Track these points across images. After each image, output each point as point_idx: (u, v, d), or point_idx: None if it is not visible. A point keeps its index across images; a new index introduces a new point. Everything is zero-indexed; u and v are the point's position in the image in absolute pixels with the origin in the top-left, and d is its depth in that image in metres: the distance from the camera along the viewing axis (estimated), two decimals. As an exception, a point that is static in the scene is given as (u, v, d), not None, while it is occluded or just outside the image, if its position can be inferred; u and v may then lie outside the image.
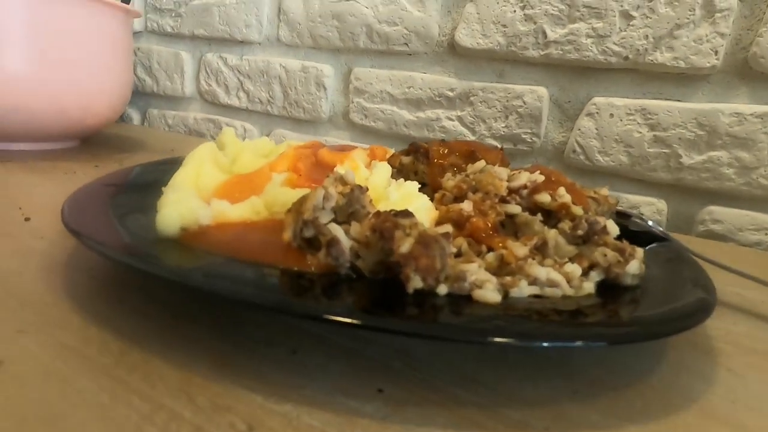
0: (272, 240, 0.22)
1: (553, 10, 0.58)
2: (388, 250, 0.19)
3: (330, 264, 0.21)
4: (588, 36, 0.56)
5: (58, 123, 0.54)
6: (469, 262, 0.24)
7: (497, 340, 0.17)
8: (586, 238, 0.26)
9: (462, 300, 0.20)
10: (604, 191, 0.34)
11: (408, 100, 0.69)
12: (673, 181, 0.55)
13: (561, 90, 0.60)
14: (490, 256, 0.25)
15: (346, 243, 0.21)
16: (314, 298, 0.19)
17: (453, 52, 0.66)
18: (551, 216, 0.28)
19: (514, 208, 0.28)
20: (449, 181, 0.32)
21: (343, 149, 0.50)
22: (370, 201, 0.26)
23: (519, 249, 0.25)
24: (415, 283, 0.19)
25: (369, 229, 0.21)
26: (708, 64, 0.51)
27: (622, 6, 0.54)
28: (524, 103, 0.62)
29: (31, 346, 0.19)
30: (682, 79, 0.54)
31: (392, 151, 0.51)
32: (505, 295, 0.21)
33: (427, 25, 0.66)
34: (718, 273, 0.31)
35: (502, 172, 0.31)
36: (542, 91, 0.61)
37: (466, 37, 0.63)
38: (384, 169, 0.35)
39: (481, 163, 0.32)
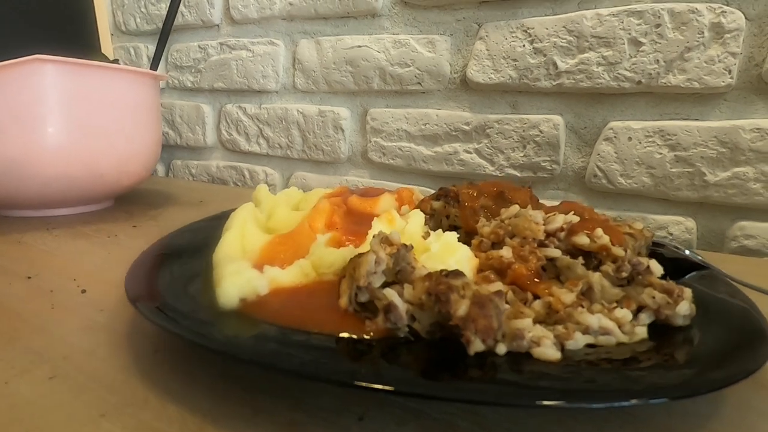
0: (329, 304, 0.23)
1: (561, 42, 0.59)
2: (445, 313, 0.20)
3: (388, 328, 0.22)
4: (599, 64, 0.58)
5: (96, 187, 0.56)
6: (518, 312, 0.24)
7: (556, 404, 0.17)
8: (630, 279, 0.26)
9: (522, 358, 0.20)
10: (638, 225, 0.34)
11: (425, 137, 0.71)
12: (700, 199, 0.55)
13: (576, 117, 0.61)
14: (537, 304, 0.26)
15: (402, 307, 0.22)
16: (377, 367, 0.20)
17: (466, 88, 0.67)
18: (591, 257, 0.29)
19: (554, 252, 0.29)
20: (485, 227, 0.32)
21: (368, 193, 0.51)
22: (415, 257, 0.27)
23: (566, 295, 0.25)
24: (477, 346, 0.20)
25: (424, 292, 0.21)
26: (723, 83, 0.52)
27: (630, 34, 0.56)
28: (541, 132, 0.63)
29: (115, 429, 0.19)
30: (698, 98, 0.54)
31: (417, 191, 0.52)
32: (561, 347, 0.22)
33: (439, 64, 0.68)
34: (759, 297, 0.31)
35: (537, 215, 0.31)
36: (557, 119, 0.62)
37: (477, 74, 0.65)
38: (418, 218, 0.36)
39: (515, 208, 0.33)
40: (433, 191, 0.70)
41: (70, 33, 0.94)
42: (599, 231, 0.29)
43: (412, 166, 0.73)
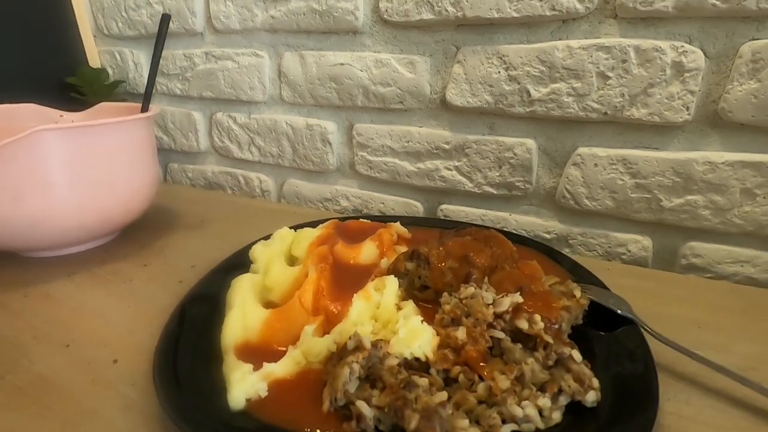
0: (315, 405, 0.30)
1: (534, 71, 0.62)
2: (400, 425, 0.27)
3: (360, 427, 0.29)
4: (569, 94, 0.60)
5: (105, 226, 0.62)
6: (465, 397, 0.31)
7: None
8: (556, 362, 0.33)
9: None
10: (577, 292, 0.40)
11: (408, 153, 0.75)
12: (656, 221, 0.61)
13: (548, 140, 0.65)
14: (481, 387, 0.32)
15: (369, 415, 0.28)
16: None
17: (445, 108, 0.70)
18: (529, 338, 0.35)
19: (500, 334, 0.35)
20: (446, 305, 0.39)
21: (355, 234, 0.57)
22: (386, 351, 0.33)
23: (503, 382, 0.32)
24: (423, 453, 0.27)
25: (386, 405, 0.28)
26: (680, 119, 0.56)
27: (598, 67, 0.58)
28: (515, 154, 0.67)
29: None
30: (659, 129, 0.58)
31: (397, 230, 0.58)
32: (492, 436, 0.29)
33: (419, 84, 0.71)
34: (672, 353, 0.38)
35: (489, 297, 0.37)
36: (530, 143, 0.66)
37: (456, 97, 0.68)
38: (392, 287, 0.42)
39: (471, 290, 0.39)
40: (419, 204, 0.75)
41: (54, 41, 0.94)
42: (537, 317, 0.35)
43: (396, 180, 0.77)
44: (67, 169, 0.54)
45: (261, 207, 0.85)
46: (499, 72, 0.64)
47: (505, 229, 0.70)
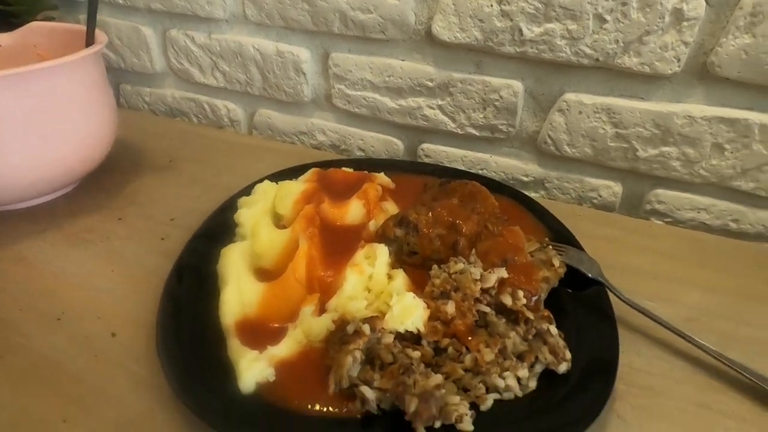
0: (321, 386, 0.33)
1: (529, 8, 0.57)
2: (401, 408, 0.31)
3: (365, 407, 0.32)
4: (563, 37, 0.57)
5: (62, 177, 0.57)
6: (454, 369, 0.35)
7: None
8: (535, 335, 0.37)
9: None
10: (557, 261, 0.43)
11: (389, 89, 0.71)
12: (629, 169, 0.63)
13: (536, 82, 0.63)
14: (468, 358, 0.36)
15: (372, 397, 0.32)
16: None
17: (431, 41, 0.65)
18: (512, 312, 0.39)
19: (485, 308, 0.38)
20: (436, 278, 0.41)
21: (341, 188, 0.56)
22: (381, 328, 0.36)
23: (488, 355, 0.36)
24: (420, 430, 0.31)
25: (387, 389, 0.31)
26: (670, 71, 0.55)
27: (596, 9, 0.54)
28: (500, 97, 0.65)
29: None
30: (648, 78, 0.57)
31: (381, 180, 0.57)
32: (477, 407, 0.33)
33: (403, 12, 0.64)
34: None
35: (477, 272, 0.40)
36: (517, 86, 0.63)
37: (443, 30, 0.62)
38: (383, 257, 0.43)
39: (460, 266, 0.41)
40: (400, 142, 0.73)
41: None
42: (520, 293, 0.38)
43: (377, 116, 0.74)
44: (10, 121, 0.48)
45: (233, 141, 0.80)
46: (492, 5, 0.59)
47: (483, 173, 0.71)
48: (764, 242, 0.61)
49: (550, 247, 0.46)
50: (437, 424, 0.31)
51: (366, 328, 0.35)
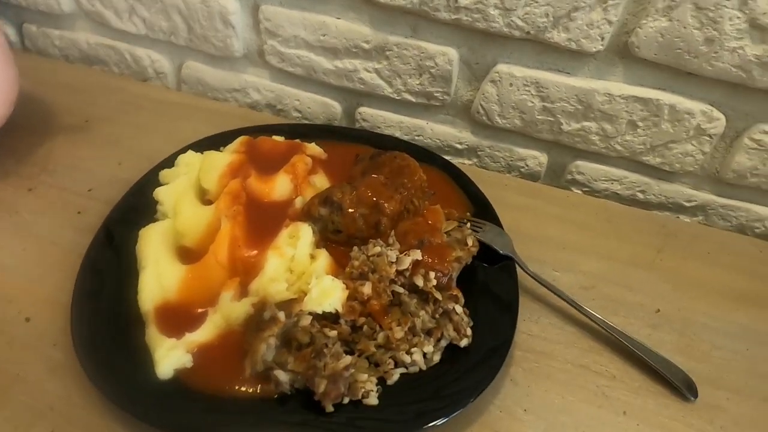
0: (238, 370, 0.35)
1: (463, -27, 0.55)
2: (311, 388, 0.34)
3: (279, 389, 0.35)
4: (496, 7, 0.56)
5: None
6: (367, 346, 0.38)
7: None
8: (442, 314, 0.40)
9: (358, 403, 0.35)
10: (470, 240, 0.46)
11: (324, 48, 0.68)
12: (554, 141, 0.66)
13: (470, 51, 0.63)
14: (381, 336, 0.40)
15: (285, 379, 0.34)
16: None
17: (366, 0, 0.62)
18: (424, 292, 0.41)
19: (399, 289, 0.41)
20: (356, 260, 0.42)
21: (269, 162, 0.55)
22: (300, 310, 0.38)
23: (398, 333, 0.39)
24: (329, 408, 0.34)
25: (300, 370, 0.34)
26: (594, 49, 0.56)
27: (528, -20, 0.53)
28: (436, 64, 0.64)
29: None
30: (574, 54, 0.58)
31: (309, 160, 0.57)
32: (385, 381, 0.37)
33: (335, -33, 0.60)
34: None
35: (393, 255, 0.42)
36: (452, 54, 0.63)
37: (377, -10, 0.59)
38: (306, 237, 0.44)
39: (377, 249, 0.42)
40: (337, 104, 0.71)
41: None
42: (431, 275, 0.41)
43: (312, 77, 0.71)
44: None
45: (158, 98, 0.75)
46: (427, -33, 0.56)
47: (419, 139, 0.72)
48: (665, 211, 0.68)
49: (468, 225, 0.49)
50: (345, 400, 0.35)
51: (281, 315, 0.36)
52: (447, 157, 0.72)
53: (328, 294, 0.40)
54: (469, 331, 0.40)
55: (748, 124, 0.58)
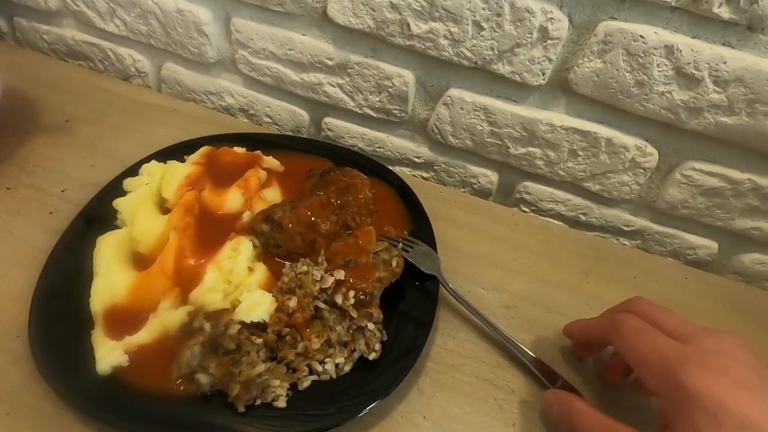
0: (167, 372, 0.41)
1: (416, 4, 0.58)
2: (226, 391, 0.39)
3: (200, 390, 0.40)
4: (446, 38, 0.59)
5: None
6: (287, 354, 0.44)
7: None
8: (356, 329, 0.46)
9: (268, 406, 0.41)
10: (395, 261, 0.51)
11: (291, 62, 0.71)
12: (503, 162, 0.70)
13: (426, 74, 0.66)
14: (301, 346, 0.45)
15: (205, 382, 0.40)
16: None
17: (328, 20, 0.65)
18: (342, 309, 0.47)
19: (321, 305, 0.46)
20: (286, 276, 0.47)
21: (225, 174, 0.60)
22: (230, 319, 0.43)
23: (315, 344, 0.44)
24: (241, 409, 0.39)
25: (218, 375, 0.39)
26: (536, 83, 0.59)
27: (474, 16, 0.56)
28: (393, 84, 0.67)
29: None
30: (519, 85, 0.61)
31: (263, 174, 0.61)
32: (296, 386, 0.42)
33: (299, -12, 0.63)
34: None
35: (318, 273, 0.47)
36: (408, 76, 0.66)
37: (338, 14, 0.63)
38: (244, 256, 0.49)
39: (304, 267, 0.47)
40: (305, 113, 0.75)
41: None
42: (351, 293, 0.46)
43: (281, 87, 0.75)
44: None
45: (137, 99, 0.79)
46: (382, -5, 0.59)
47: (380, 152, 0.76)
48: (606, 234, 0.72)
49: (400, 245, 0.53)
50: (258, 402, 0.40)
51: (207, 325, 0.42)
52: (406, 170, 0.77)
53: (257, 306, 0.45)
54: (378, 347, 0.45)
55: (680, 160, 0.61)
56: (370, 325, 0.45)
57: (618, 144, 0.61)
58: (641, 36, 0.51)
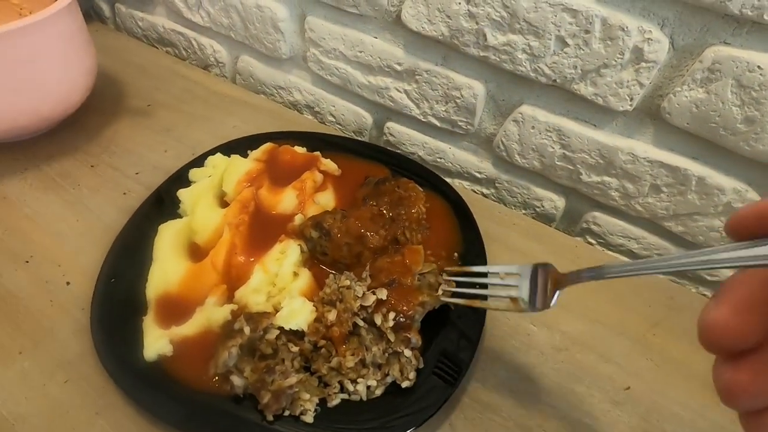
0: (206, 368, 0.42)
1: (495, 14, 0.54)
2: (258, 398, 0.39)
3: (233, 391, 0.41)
4: (524, 51, 0.55)
5: (40, 125, 0.63)
6: (320, 367, 0.43)
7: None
8: (393, 353, 0.44)
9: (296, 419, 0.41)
10: (441, 288, 0.48)
11: (360, 64, 0.70)
12: (572, 188, 0.64)
13: (498, 87, 0.62)
14: (335, 361, 0.44)
15: (239, 384, 0.40)
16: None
17: (401, 25, 0.63)
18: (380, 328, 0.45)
19: (360, 322, 0.45)
20: (328, 288, 0.47)
21: (285, 165, 0.60)
22: (270, 323, 0.44)
23: (349, 362, 0.43)
24: (269, 418, 0.40)
25: (251, 380, 0.40)
26: (621, 108, 0.53)
27: (559, 30, 0.52)
28: (461, 95, 0.64)
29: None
30: (602, 108, 0.56)
31: (319, 177, 0.61)
32: (326, 401, 0.42)
33: (376, -9, 0.61)
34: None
35: (360, 290, 0.46)
36: (479, 88, 0.62)
37: (412, 19, 0.60)
38: (291, 260, 0.49)
39: (347, 282, 0.46)
40: (369, 115, 0.74)
41: None
42: (390, 315, 0.44)
43: (348, 87, 0.75)
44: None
45: (212, 88, 0.82)
46: (460, 3, 0.56)
47: (440, 162, 0.73)
48: (681, 280, 0.64)
49: (444, 274, 0.50)
50: (286, 413, 0.40)
51: (247, 329, 0.42)
52: (465, 183, 0.74)
53: (297, 313, 0.45)
54: (412, 375, 0.43)
55: (787, 210, 0.52)
56: (407, 352, 0.44)
57: (712, 184, 0.54)
58: (758, 67, 0.44)
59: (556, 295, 0.37)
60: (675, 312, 0.58)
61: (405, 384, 0.43)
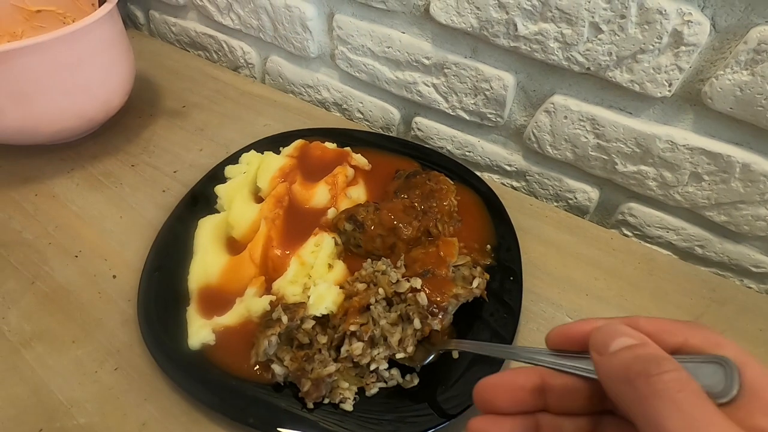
0: (247, 356, 0.43)
1: (526, 3, 0.54)
2: (298, 385, 0.40)
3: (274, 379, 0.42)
4: (556, 40, 0.54)
5: (83, 127, 0.66)
6: (360, 349, 0.44)
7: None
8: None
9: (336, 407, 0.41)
10: (476, 281, 0.48)
11: (388, 59, 0.71)
12: (607, 178, 0.63)
13: (528, 78, 0.61)
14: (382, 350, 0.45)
15: (281, 373, 0.41)
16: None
17: (429, 18, 0.63)
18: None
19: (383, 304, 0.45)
20: (364, 270, 0.48)
21: (316, 160, 0.62)
22: (305, 314, 0.45)
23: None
24: (309, 405, 0.40)
25: (292, 369, 0.41)
26: (659, 95, 0.52)
27: (593, 17, 0.51)
28: (491, 87, 0.64)
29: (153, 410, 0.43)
30: (638, 95, 0.55)
31: (350, 171, 0.62)
32: (364, 391, 0.42)
33: (404, -15, 0.62)
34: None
35: (395, 276, 0.46)
36: (509, 79, 0.62)
37: (441, 12, 0.60)
38: (325, 253, 0.50)
39: (383, 266, 0.47)
40: (396, 111, 0.75)
41: None
42: (423, 297, 0.44)
43: (376, 84, 0.75)
44: (41, 79, 0.55)
45: (243, 89, 0.84)
46: (490, -6, 0.56)
47: (469, 156, 0.73)
48: (724, 271, 0.62)
49: (479, 267, 0.50)
50: (326, 401, 0.41)
51: (285, 318, 0.43)
52: (495, 176, 0.73)
53: (322, 299, 0.45)
54: (410, 349, 0.42)
55: (841, 197, 0.50)
56: (417, 322, 0.43)
57: (758, 171, 0.52)
58: (809, 45, 0.42)
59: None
60: (717, 304, 0.56)
61: (400, 355, 0.42)
